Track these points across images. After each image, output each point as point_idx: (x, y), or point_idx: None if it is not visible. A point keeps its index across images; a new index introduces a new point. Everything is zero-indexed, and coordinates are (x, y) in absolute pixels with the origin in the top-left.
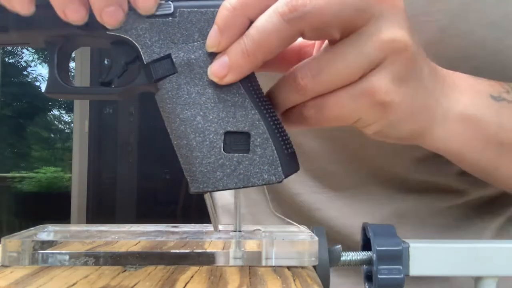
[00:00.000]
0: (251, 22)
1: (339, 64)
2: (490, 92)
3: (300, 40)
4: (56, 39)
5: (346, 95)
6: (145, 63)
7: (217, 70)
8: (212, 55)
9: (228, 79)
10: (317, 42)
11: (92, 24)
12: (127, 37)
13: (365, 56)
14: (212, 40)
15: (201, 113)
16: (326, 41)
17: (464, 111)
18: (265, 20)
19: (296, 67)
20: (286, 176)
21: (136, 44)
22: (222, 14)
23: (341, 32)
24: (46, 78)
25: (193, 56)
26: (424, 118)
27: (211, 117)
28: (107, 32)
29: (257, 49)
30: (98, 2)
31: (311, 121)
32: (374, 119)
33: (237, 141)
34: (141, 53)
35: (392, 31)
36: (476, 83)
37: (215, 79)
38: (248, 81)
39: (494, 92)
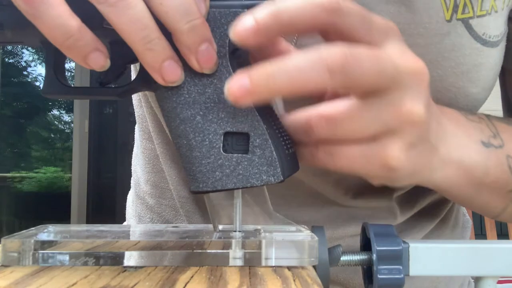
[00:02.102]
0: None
1: (355, 123)
2: (481, 137)
3: None
4: None
5: (358, 152)
6: None
7: (235, 91)
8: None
9: (243, 102)
10: None
11: (90, 23)
12: None
13: (383, 122)
14: (242, 33)
15: (201, 113)
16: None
17: (458, 159)
18: (309, 65)
19: (312, 113)
20: (285, 177)
21: None
22: (266, 16)
23: (366, 92)
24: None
25: None
26: (425, 172)
27: (210, 117)
28: (105, 26)
29: (287, 85)
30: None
31: (319, 163)
32: (381, 176)
33: (236, 141)
34: None
35: (412, 104)
36: (470, 128)
37: (230, 98)
38: None
39: (484, 138)
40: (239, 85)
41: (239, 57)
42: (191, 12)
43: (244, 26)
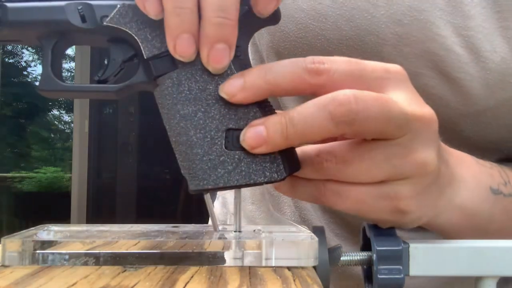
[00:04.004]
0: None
1: (365, 163)
2: (490, 184)
3: None
4: (51, 34)
5: (367, 193)
6: (145, 58)
7: (251, 139)
8: None
9: (260, 150)
10: None
11: (89, 18)
12: (127, 30)
13: (393, 166)
14: (230, 90)
15: (202, 109)
16: None
17: (463, 204)
18: (313, 115)
19: (323, 150)
20: (288, 174)
21: (136, 38)
22: (253, 75)
23: (376, 137)
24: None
25: None
26: (430, 214)
27: (212, 114)
28: (105, 23)
29: (297, 136)
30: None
31: (326, 202)
32: (390, 221)
33: (238, 138)
34: (141, 47)
35: (424, 152)
36: (479, 172)
37: (247, 147)
38: None
39: (494, 185)
40: (256, 134)
41: (240, 55)
42: (226, 10)
43: (232, 83)
